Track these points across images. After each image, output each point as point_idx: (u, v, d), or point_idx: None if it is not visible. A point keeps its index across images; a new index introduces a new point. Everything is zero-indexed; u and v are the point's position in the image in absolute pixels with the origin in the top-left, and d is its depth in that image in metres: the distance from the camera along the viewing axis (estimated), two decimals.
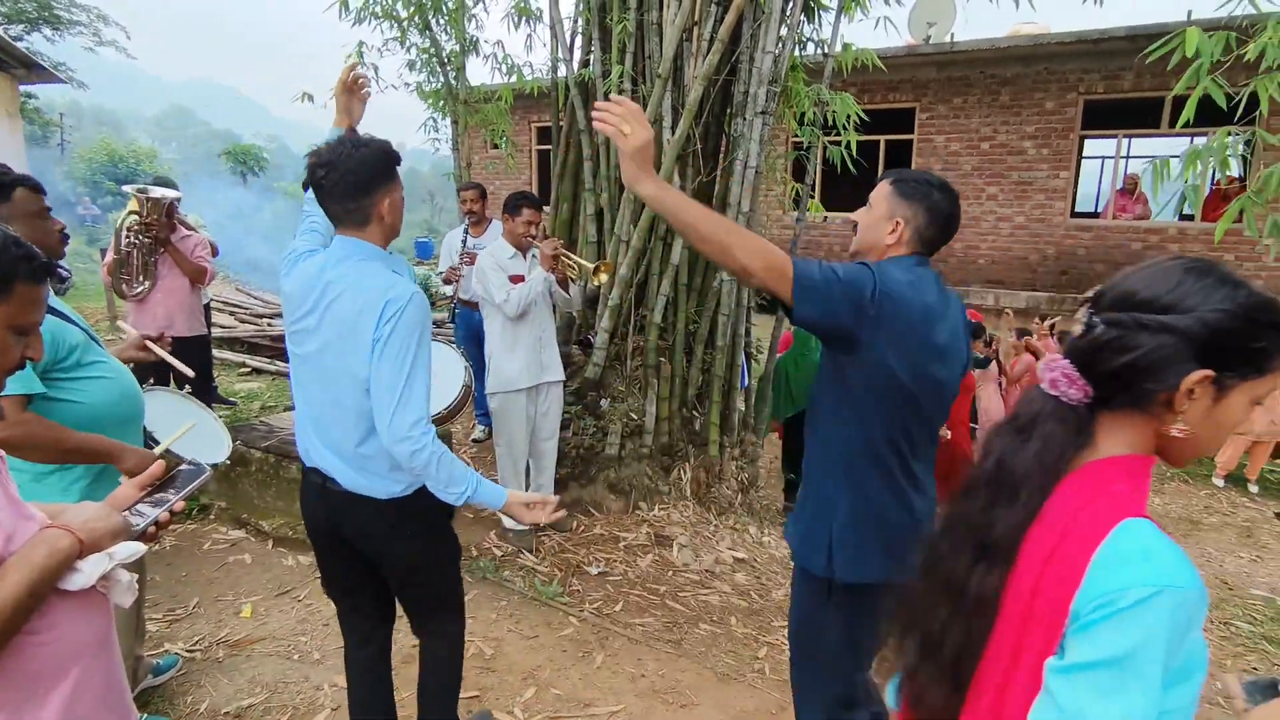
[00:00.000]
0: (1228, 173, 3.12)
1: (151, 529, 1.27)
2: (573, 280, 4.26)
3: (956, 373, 1.83)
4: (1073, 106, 8.92)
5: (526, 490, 3.87)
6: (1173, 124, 8.82)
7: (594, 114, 1.67)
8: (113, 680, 1.28)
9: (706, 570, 3.78)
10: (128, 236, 3.97)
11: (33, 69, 13.66)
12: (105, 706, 1.25)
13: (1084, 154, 11.18)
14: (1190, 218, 8.98)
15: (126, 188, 3.93)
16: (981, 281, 9.69)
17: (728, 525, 4.21)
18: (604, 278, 4.01)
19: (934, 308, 1.75)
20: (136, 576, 1.23)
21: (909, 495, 1.81)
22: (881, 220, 1.83)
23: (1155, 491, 7.22)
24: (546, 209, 4.97)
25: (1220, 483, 7.39)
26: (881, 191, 1.86)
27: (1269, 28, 2.63)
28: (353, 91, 2.25)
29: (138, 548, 1.22)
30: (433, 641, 2.17)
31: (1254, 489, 7.26)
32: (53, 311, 1.94)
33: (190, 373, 2.52)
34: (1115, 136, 9.44)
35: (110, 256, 4.08)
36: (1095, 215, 10.32)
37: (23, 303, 1.11)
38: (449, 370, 3.35)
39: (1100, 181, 12.40)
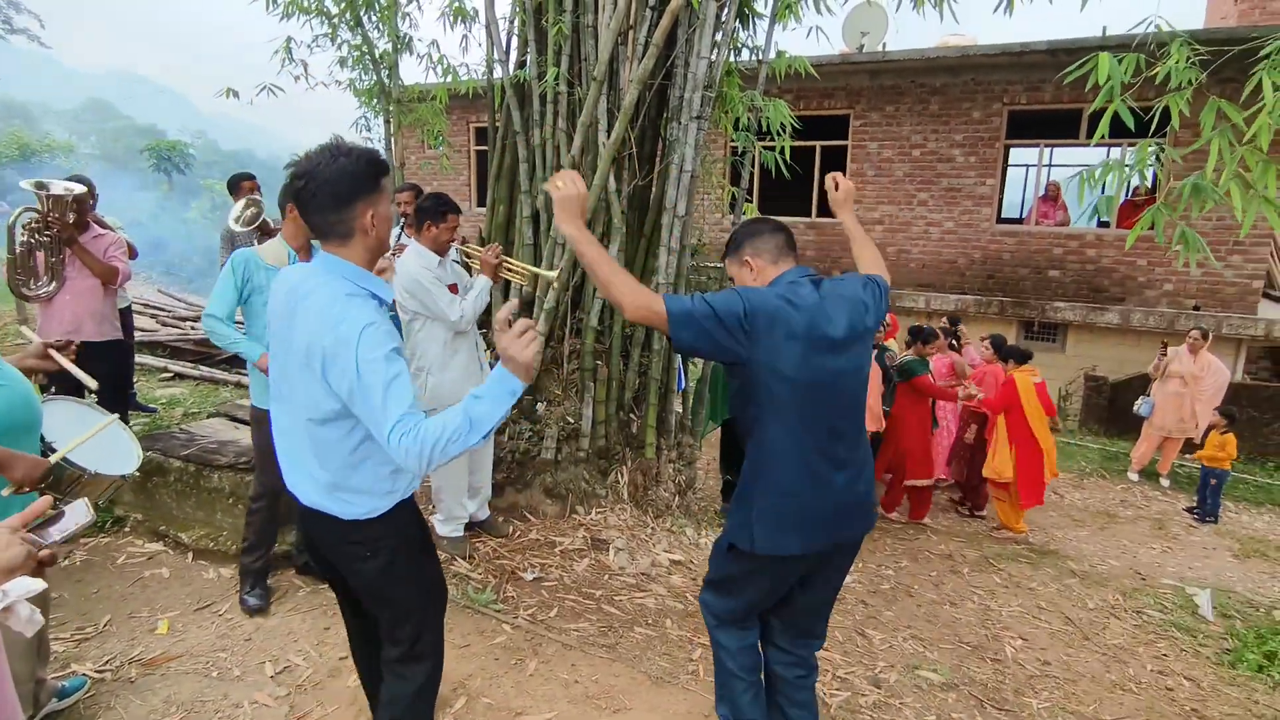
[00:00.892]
0: (1144, 183, 3.31)
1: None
2: (523, 285, 4.22)
3: (857, 359, 2.07)
4: (998, 116, 9.29)
5: (466, 492, 3.80)
6: (1090, 135, 9.29)
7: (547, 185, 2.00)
8: (3, 709, 1.21)
9: (643, 573, 3.79)
10: (24, 235, 3.74)
11: None
12: None
13: (1010, 162, 11.68)
14: (1107, 224, 9.46)
15: (24, 184, 3.70)
16: (913, 285, 9.99)
17: (665, 528, 4.23)
18: (555, 285, 3.97)
19: (815, 310, 1.98)
20: (38, 610, 1.15)
21: (827, 477, 2.03)
22: (740, 273, 2.18)
23: (1075, 487, 7.57)
24: (481, 209, 4.91)
25: (1135, 477, 7.79)
26: (728, 265, 2.25)
27: (1174, 50, 2.79)
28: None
29: (34, 584, 1.14)
30: (393, 681, 2.04)
31: (1165, 483, 7.67)
32: None
33: (93, 384, 2.39)
34: (1037, 146, 9.86)
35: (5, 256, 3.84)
36: (1020, 221, 10.77)
37: None
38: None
39: (1025, 189, 12.95)
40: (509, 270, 3.69)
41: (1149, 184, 8.83)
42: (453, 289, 3.54)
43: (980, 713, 3.17)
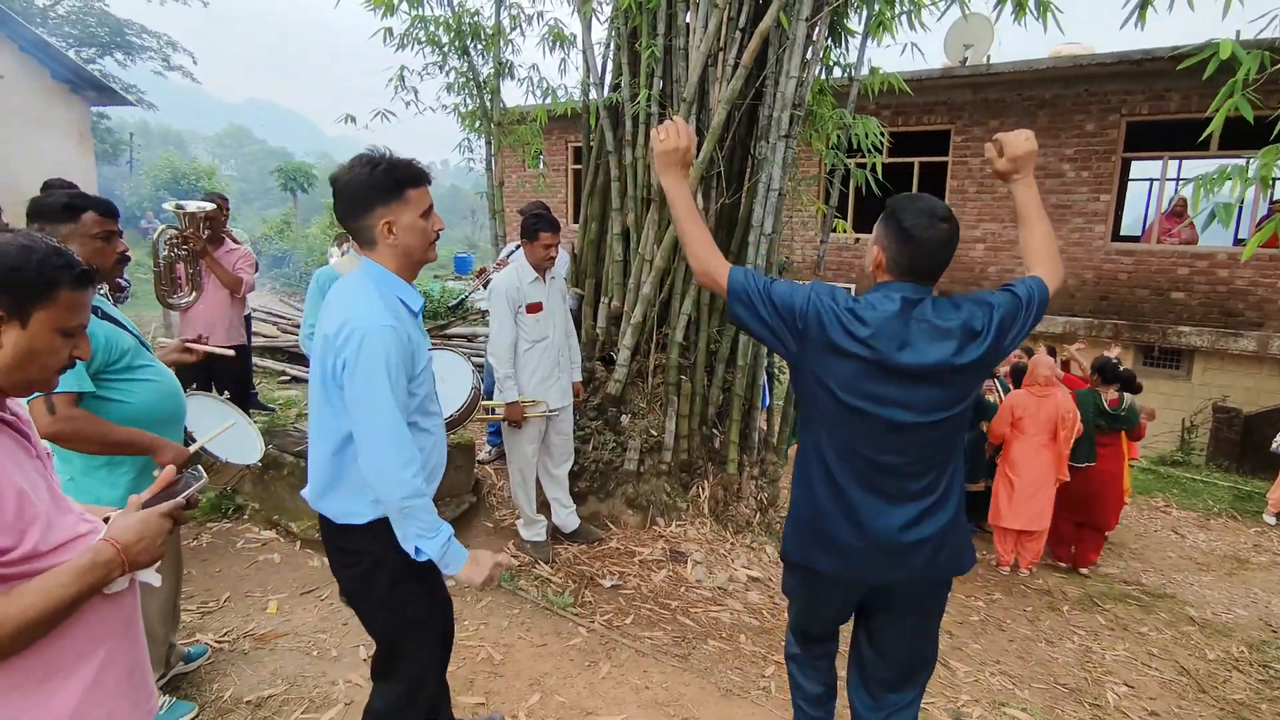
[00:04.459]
0: (1272, 194, 3.06)
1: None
2: (611, 299, 4.35)
3: (931, 396, 1.77)
4: (1114, 128, 8.77)
5: (536, 505, 3.94)
6: (1223, 145, 8.61)
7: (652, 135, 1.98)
8: (136, 660, 1.38)
9: (719, 587, 3.81)
10: (165, 250, 4.20)
11: (103, 91, 14.47)
12: (130, 684, 1.35)
13: (1131, 177, 10.95)
14: (1244, 242, 8.72)
15: (166, 205, 4.16)
16: None
17: (744, 544, 4.23)
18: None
19: (887, 332, 1.74)
20: (158, 563, 1.33)
21: (868, 507, 1.83)
22: (870, 246, 1.89)
23: (1200, 526, 6.98)
24: (575, 226, 5.08)
25: (1272, 520, 7.10)
26: (879, 219, 1.90)
27: None
28: None
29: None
30: (374, 695, 2.05)
31: None
32: (109, 319, 2.11)
33: (230, 352, 2.74)
34: (1160, 158, 9.23)
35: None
36: (1139, 239, 10.08)
37: (67, 307, 1.20)
38: (455, 373, 3.33)
39: (1148, 204, 12.11)
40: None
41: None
42: (535, 308, 3.68)
43: None
